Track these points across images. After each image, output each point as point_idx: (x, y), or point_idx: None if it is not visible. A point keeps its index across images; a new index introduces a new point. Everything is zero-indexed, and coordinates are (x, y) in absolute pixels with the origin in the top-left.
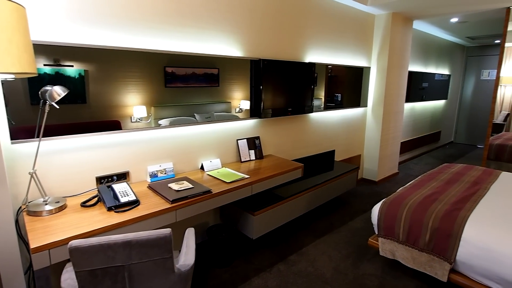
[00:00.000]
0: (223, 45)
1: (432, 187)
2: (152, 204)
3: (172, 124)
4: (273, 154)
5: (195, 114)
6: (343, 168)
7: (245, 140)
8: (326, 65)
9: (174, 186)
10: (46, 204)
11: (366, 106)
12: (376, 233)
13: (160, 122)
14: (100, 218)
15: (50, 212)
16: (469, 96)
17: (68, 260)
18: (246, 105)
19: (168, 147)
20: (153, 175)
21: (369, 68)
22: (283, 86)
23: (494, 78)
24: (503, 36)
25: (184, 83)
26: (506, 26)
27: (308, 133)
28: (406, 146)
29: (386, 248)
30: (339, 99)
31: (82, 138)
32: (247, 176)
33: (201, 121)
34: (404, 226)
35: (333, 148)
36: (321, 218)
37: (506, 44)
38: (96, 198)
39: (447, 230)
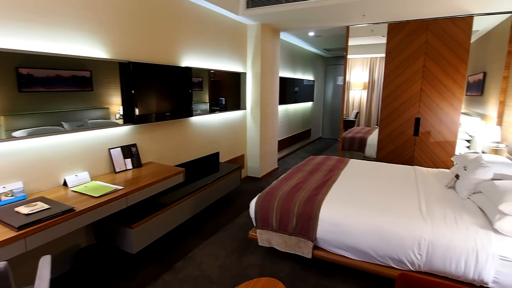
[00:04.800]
0: (83, 46)
1: (299, 177)
2: None
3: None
4: (154, 161)
5: (63, 122)
6: (227, 168)
7: (119, 148)
8: (208, 70)
9: (23, 209)
10: None
11: (245, 108)
12: (255, 225)
13: (15, 134)
14: None
15: None
16: (330, 98)
17: None
18: None
19: (16, 163)
20: None
21: (245, 73)
22: (159, 90)
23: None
24: (345, 49)
25: (46, 87)
26: (347, 41)
27: (192, 137)
28: (283, 144)
29: (264, 237)
30: (224, 102)
31: None
32: (120, 188)
33: (70, 130)
34: (276, 215)
35: (218, 150)
36: (209, 219)
37: (349, 56)
38: None
39: (308, 213)
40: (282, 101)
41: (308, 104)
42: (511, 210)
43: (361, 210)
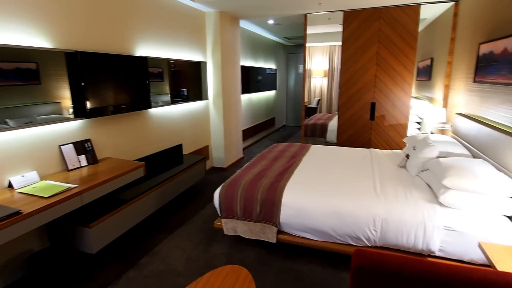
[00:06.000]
0: (23, 35)
1: (262, 165)
2: None
3: None
4: (111, 157)
5: (7, 120)
6: (191, 160)
7: (71, 145)
8: (168, 60)
9: None
10: None
11: (207, 99)
12: (219, 215)
13: None
14: None
15: None
16: (293, 86)
17: None
18: None
19: None
20: None
21: (205, 63)
22: (112, 81)
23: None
24: (304, 37)
25: None
26: (305, 29)
27: (152, 129)
28: (248, 133)
29: (229, 226)
30: (185, 93)
31: None
32: (74, 186)
33: (12, 128)
34: (240, 203)
35: (181, 142)
36: (174, 212)
37: (308, 44)
38: None
39: (271, 199)
40: (245, 90)
41: (272, 93)
42: (453, 184)
43: (321, 193)
